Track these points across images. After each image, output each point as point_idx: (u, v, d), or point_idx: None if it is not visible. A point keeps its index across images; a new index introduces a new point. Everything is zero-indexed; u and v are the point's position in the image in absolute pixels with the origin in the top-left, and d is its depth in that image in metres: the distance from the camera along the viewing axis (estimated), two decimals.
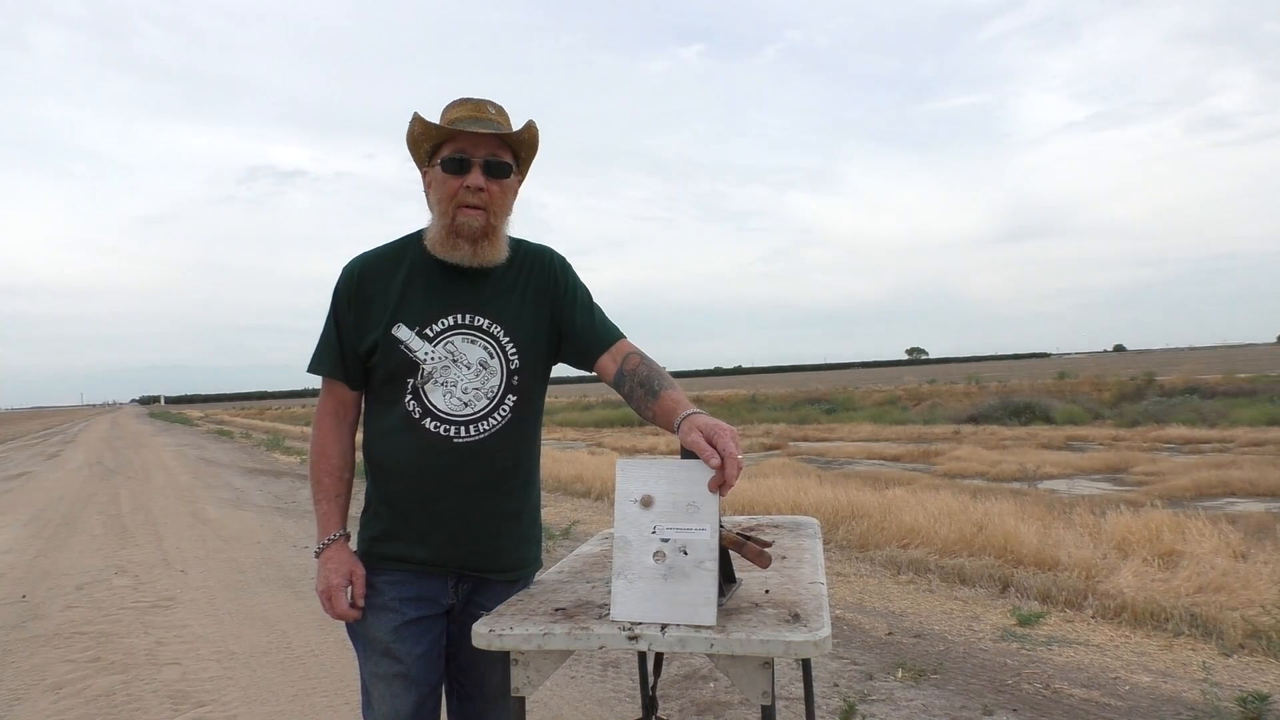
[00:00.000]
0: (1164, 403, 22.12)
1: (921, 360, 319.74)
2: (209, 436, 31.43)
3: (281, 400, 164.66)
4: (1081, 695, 3.62)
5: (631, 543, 1.49)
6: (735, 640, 1.37)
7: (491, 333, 1.80)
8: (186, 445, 25.47)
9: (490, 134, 1.72)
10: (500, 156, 1.76)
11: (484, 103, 1.78)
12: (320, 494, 1.85)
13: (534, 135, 1.80)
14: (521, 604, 1.66)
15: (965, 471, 12.65)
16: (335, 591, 1.78)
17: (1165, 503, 7.72)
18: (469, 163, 1.72)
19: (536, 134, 1.80)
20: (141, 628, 5.14)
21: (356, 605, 1.79)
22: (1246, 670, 3.85)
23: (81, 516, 10.22)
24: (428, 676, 1.80)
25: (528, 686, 1.50)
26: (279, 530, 8.74)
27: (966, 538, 6.13)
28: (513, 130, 1.78)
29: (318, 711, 3.71)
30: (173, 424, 48.18)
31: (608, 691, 3.84)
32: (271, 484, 13.35)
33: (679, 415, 1.59)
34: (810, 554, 1.95)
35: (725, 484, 1.46)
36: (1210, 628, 4.33)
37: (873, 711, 3.48)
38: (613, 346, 1.85)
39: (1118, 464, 12.76)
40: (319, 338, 1.86)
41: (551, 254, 1.91)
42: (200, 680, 4.16)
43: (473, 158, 1.73)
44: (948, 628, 4.66)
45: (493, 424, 1.78)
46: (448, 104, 1.79)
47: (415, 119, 1.74)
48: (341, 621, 1.83)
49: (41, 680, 4.25)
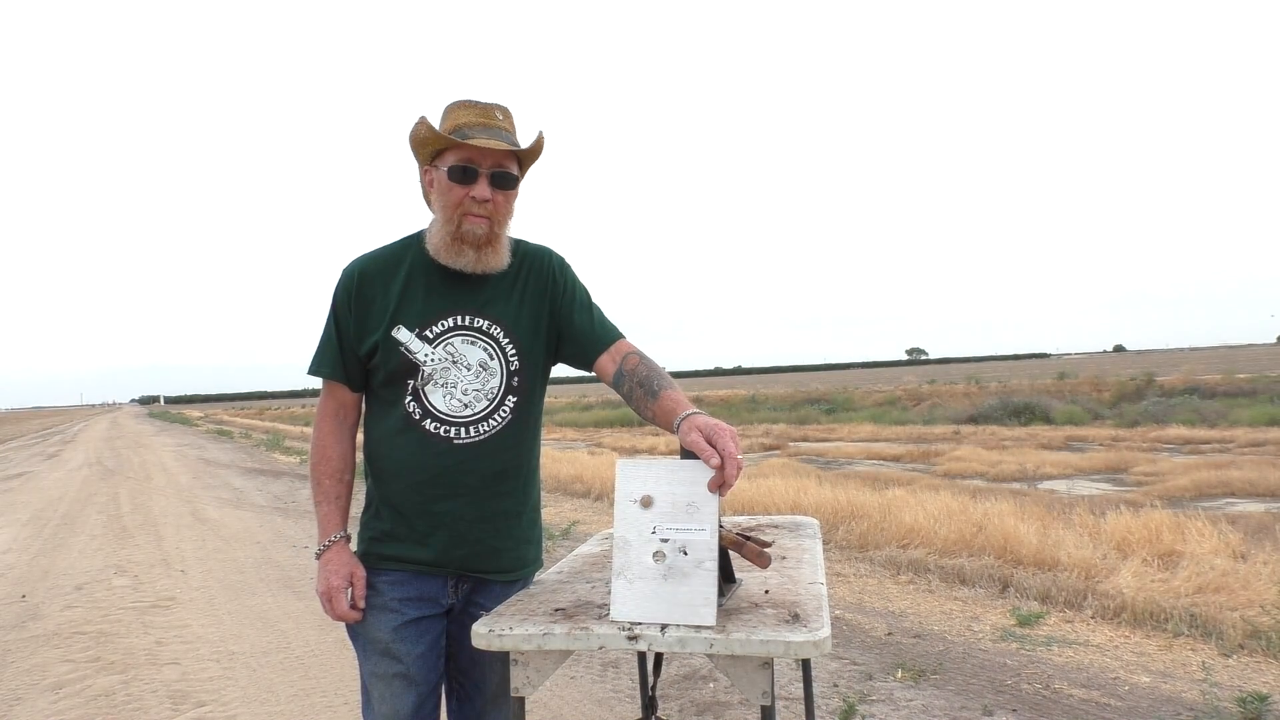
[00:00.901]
0: (1164, 403, 22.13)
1: (921, 360, 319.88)
2: (209, 436, 31.42)
3: (281, 400, 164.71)
4: (1081, 695, 3.62)
5: (631, 543, 1.50)
6: (735, 640, 1.37)
7: (491, 334, 1.80)
8: (186, 445, 25.47)
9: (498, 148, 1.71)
10: (507, 168, 1.75)
11: (492, 107, 1.76)
12: (321, 495, 1.85)
13: (541, 146, 1.79)
14: (521, 604, 1.66)
15: (965, 472, 12.66)
16: (335, 593, 1.78)
17: (1165, 503, 7.72)
18: (476, 173, 1.72)
19: (543, 145, 1.80)
20: (141, 628, 5.15)
21: (357, 606, 1.79)
22: (1246, 670, 3.86)
23: (81, 516, 10.22)
24: (427, 676, 1.81)
25: (527, 687, 1.50)
26: (279, 530, 8.74)
27: (966, 538, 6.13)
28: (520, 146, 1.76)
29: (317, 711, 3.72)
30: (172, 424, 48.18)
31: (607, 692, 3.84)
32: (271, 484, 13.35)
33: (678, 415, 1.59)
34: (810, 554, 1.95)
35: (725, 484, 1.46)
36: (1210, 628, 4.33)
37: (872, 711, 3.49)
38: (612, 346, 1.85)
39: (1117, 464, 12.76)
40: (319, 340, 1.86)
41: (550, 254, 1.91)
42: (200, 680, 4.16)
43: (480, 168, 1.72)
44: (947, 628, 4.66)
45: (493, 425, 1.79)
46: (453, 104, 1.77)
47: (422, 123, 1.72)
48: (342, 622, 1.83)
49: (41, 680, 4.25)
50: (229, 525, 9.19)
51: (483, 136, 1.71)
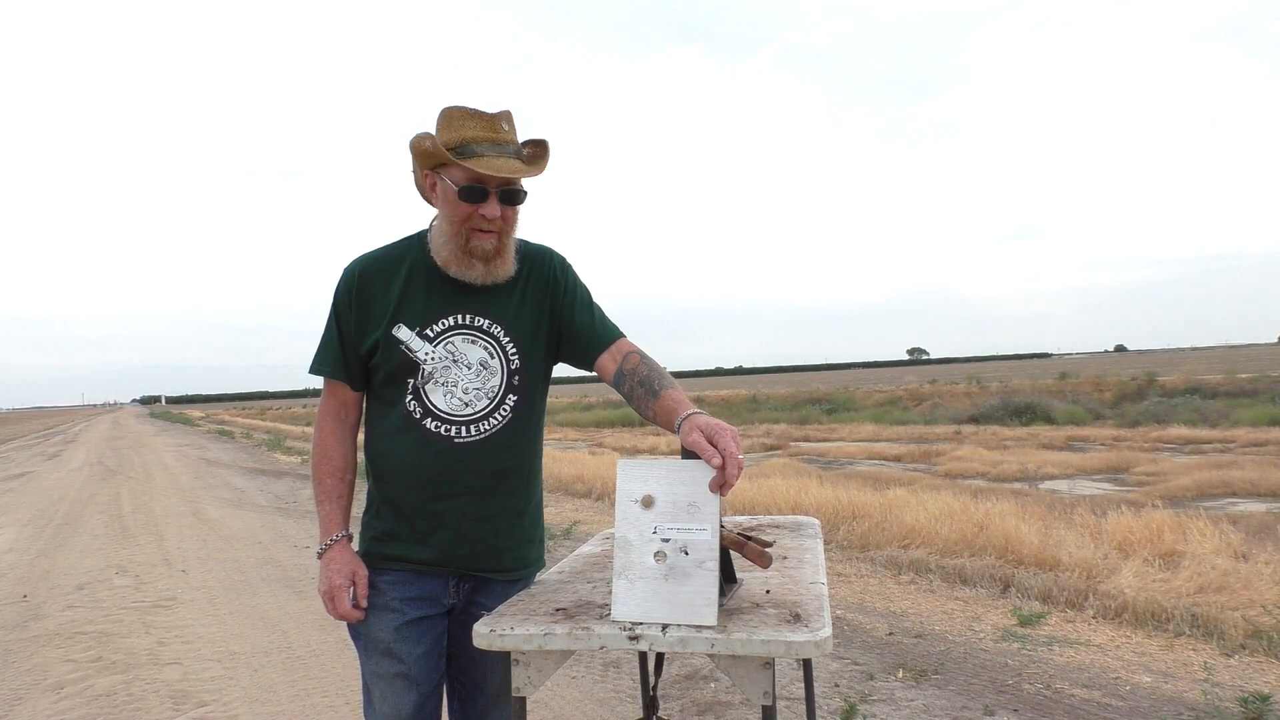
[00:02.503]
0: (1165, 403, 22.13)
1: (923, 360, 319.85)
2: (210, 437, 31.45)
3: (282, 400, 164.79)
4: (1082, 695, 3.62)
5: (632, 543, 1.49)
6: (736, 640, 1.37)
7: (492, 333, 1.80)
8: (187, 445, 25.49)
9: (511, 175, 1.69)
10: (515, 184, 1.74)
11: (497, 118, 1.72)
12: (322, 495, 1.85)
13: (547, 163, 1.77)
14: (522, 604, 1.66)
15: (966, 472, 12.65)
16: (338, 592, 1.78)
17: (1166, 503, 7.71)
18: (485, 192, 1.70)
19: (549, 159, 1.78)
20: (143, 628, 5.15)
21: (359, 606, 1.79)
22: (1248, 670, 3.85)
23: (82, 516, 10.23)
24: (429, 676, 1.81)
25: (529, 686, 1.50)
26: (280, 530, 8.75)
27: (967, 538, 6.13)
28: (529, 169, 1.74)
29: (319, 711, 3.72)
30: (174, 424, 48.22)
31: (609, 692, 3.84)
32: (272, 484, 13.36)
33: (680, 415, 1.59)
34: (811, 554, 1.95)
35: (726, 484, 1.46)
36: (1211, 628, 4.32)
37: (874, 712, 3.48)
38: (612, 346, 1.85)
39: (1119, 464, 12.76)
40: (320, 339, 1.86)
41: (551, 254, 1.91)
42: (201, 680, 4.16)
43: (490, 186, 1.70)
44: (948, 628, 4.65)
45: (494, 424, 1.79)
46: (455, 110, 1.71)
47: (426, 138, 1.70)
48: (344, 621, 1.83)
49: (43, 680, 4.25)
50: (230, 525, 9.19)
51: (492, 154, 1.69)
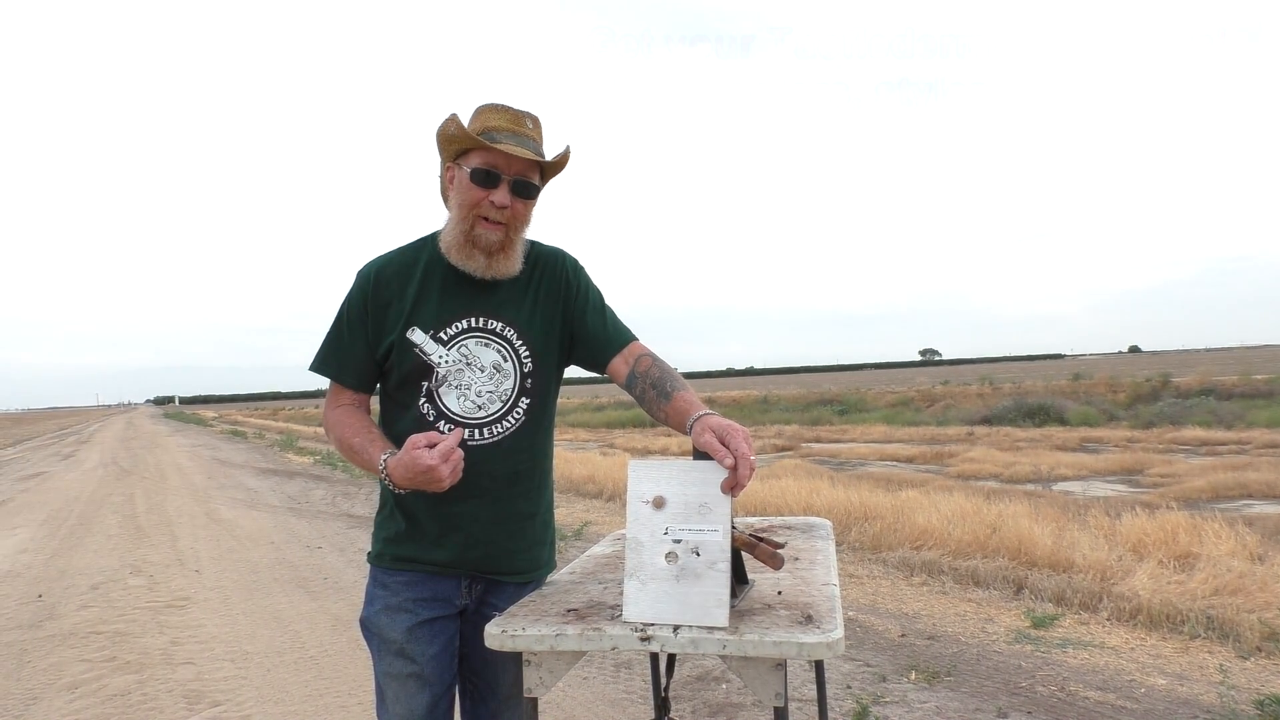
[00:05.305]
0: (1180, 404, 21.97)
1: (935, 361, 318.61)
2: (223, 437, 31.62)
3: (295, 401, 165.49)
4: (1096, 698, 3.60)
5: (644, 544, 1.50)
6: (748, 641, 1.37)
7: (505, 336, 1.81)
8: (201, 446, 25.63)
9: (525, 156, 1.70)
10: (530, 177, 1.74)
11: (523, 115, 1.75)
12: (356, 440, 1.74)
13: (566, 160, 1.79)
14: (534, 605, 1.66)
15: (979, 473, 12.59)
16: (434, 455, 1.59)
17: (1181, 505, 7.66)
18: (499, 178, 1.71)
19: (568, 159, 1.79)
20: (156, 627, 5.18)
21: (449, 460, 1.61)
22: (1264, 673, 3.82)
23: (97, 517, 10.30)
24: (441, 677, 1.81)
25: (540, 687, 1.50)
26: (293, 531, 8.79)
27: (980, 539, 6.10)
28: (547, 158, 1.75)
29: (331, 711, 3.73)
30: (187, 424, 48.52)
31: (620, 693, 3.84)
32: (285, 484, 13.42)
33: (691, 416, 1.59)
34: (823, 555, 1.95)
35: (738, 485, 1.46)
36: (1227, 630, 4.29)
37: (886, 713, 3.47)
38: (624, 348, 1.85)
39: (1133, 466, 12.67)
40: (324, 337, 1.86)
41: (564, 257, 1.91)
42: (215, 680, 4.18)
43: (503, 174, 1.71)
44: (961, 630, 4.63)
45: (506, 426, 1.79)
46: (484, 106, 1.76)
47: (452, 120, 1.71)
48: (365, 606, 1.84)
49: (58, 680, 4.29)
50: (243, 525, 9.24)
51: (511, 142, 1.70)
